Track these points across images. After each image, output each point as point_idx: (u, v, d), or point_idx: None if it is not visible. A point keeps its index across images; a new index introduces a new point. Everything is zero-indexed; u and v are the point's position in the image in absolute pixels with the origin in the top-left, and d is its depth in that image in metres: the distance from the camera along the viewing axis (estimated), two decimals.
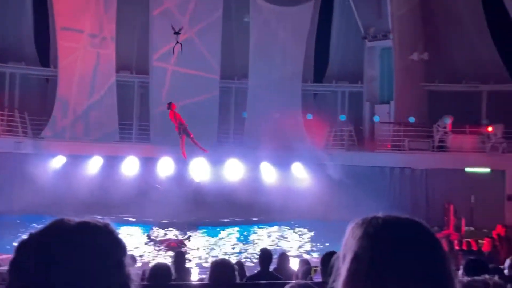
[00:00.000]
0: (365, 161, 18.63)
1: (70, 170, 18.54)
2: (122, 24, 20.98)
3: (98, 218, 1.08)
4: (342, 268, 1.01)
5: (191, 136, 15.35)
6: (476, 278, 2.03)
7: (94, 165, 19.32)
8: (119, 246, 1.04)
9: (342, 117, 21.03)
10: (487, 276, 2.04)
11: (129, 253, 1.05)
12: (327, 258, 4.11)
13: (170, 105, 15.49)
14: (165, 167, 19.42)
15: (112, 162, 19.08)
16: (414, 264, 0.97)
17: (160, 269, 3.96)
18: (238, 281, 4.38)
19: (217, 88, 21.07)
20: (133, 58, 22.31)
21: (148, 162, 19.15)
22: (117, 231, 1.07)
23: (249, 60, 21.10)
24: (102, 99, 20.48)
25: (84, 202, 15.76)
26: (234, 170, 19.54)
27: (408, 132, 19.29)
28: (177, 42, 16.51)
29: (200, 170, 19.56)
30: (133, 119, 21.74)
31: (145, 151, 19.44)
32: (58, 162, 18.83)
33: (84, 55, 20.33)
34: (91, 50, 20.38)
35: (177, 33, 16.32)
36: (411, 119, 19.33)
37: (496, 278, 2.05)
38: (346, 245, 1.02)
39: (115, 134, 20.50)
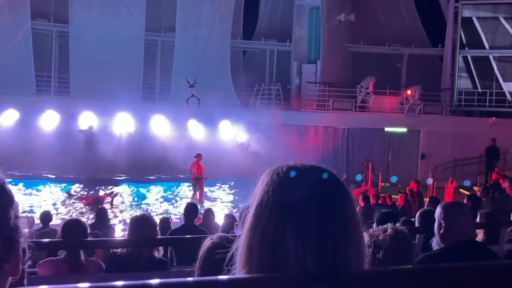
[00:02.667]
0: (291, 120, 18.94)
1: None
2: None
3: None
4: (248, 215, 1.03)
5: (202, 190, 15.25)
6: (380, 227, 2.15)
7: (8, 119, 18.18)
8: (4, 198, 0.96)
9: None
10: (389, 224, 2.17)
11: (16, 204, 0.98)
12: (244, 212, 4.19)
13: (199, 155, 15.28)
14: (86, 121, 18.67)
15: (29, 116, 18.02)
16: (314, 205, 0.98)
17: (72, 225, 3.85)
18: (159, 236, 4.42)
19: (142, 41, 20.31)
20: (51, 5, 20.83)
21: (68, 117, 18.28)
22: (4, 181, 0.98)
23: (177, 13, 20.42)
24: (16, 48, 19.05)
25: None
26: (160, 127, 19.20)
27: (333, 92, 19.79)
28: (192, 95, 16.45)
29: (124, 126, 19.02)
30: (52, 71, 20.53)
31: (65, 105, 18.51)
32: None
33: None
34: None
35: (191, 86, 16.57)
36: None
37: (397, 225, 2.20)
38: (255, 194, 1.04)
39: (32, 86, 19.29)
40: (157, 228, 4.37)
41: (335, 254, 0.96)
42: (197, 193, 15.47)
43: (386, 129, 19.04)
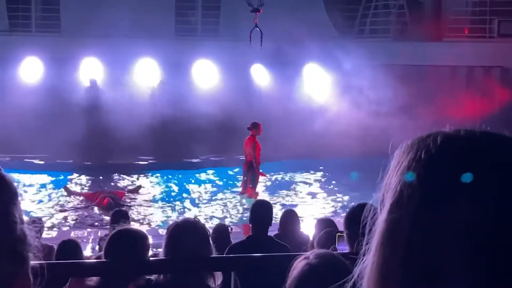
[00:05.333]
0: (425, 57, 18.92)
1: None
2: None
3: None
4: (379, 219, 1.06)
5: (257, 182, 16.84)
6: None
7: None
8: (5, 193, 1.08)
9: None
10: None
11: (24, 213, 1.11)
12: (356, 214, 4.10)
13: (256, 126, 16.26)
14: (88, 74, 19.26)
15: None
16: (500, 204, 0.97)
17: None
18: (214, 253, 4.55)
19: None
20: None
21: (58, 66, 19.05)
22: (4, 173, 1.12)
23: None
24: None
25: None
26: (205, 79, 19.46)
27: (499, 6, 19.48)
28: (256, 26, 16.82)
29: (148, 79, 19.48)
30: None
31: (53, 48, 19.25)
32: None
33: None
34: None
35: (255, 10, 16.93)
36: None
37: None
38: (387, 184, 1.08)
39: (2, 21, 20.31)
40: (210, 242, 4.50)
41: None
42: (248, 185, 16.28)
43: None
